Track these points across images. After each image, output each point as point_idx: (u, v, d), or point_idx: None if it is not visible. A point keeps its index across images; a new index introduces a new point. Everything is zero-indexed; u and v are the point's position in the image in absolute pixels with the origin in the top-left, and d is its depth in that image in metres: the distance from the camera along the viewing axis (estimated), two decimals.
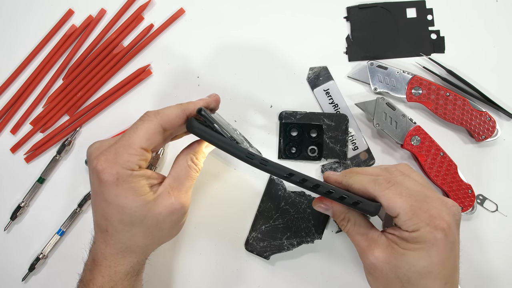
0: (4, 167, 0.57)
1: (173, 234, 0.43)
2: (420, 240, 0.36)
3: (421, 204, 0.36)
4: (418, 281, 0.36)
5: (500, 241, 0.54)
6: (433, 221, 0.36)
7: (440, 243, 0.36)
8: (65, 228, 0.54)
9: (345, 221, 0.41)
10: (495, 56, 0.56)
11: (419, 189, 0.38)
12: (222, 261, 0.54)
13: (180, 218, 0.41)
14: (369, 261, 0.38)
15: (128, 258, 0.40)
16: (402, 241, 0.37)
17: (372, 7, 0.57)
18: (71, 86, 0.56)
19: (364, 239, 0.39)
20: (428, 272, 0.36)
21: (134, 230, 0.39)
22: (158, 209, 0.39)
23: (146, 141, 0.38)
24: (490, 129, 0.53)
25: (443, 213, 0.36)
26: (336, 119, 0.54)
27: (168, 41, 0.57)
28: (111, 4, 0.57)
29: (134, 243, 0.40)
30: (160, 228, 0.40)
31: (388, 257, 0.37)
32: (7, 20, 0.58)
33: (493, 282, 0.54)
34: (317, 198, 0.44)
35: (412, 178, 0.39)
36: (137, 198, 0.38)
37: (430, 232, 0.35)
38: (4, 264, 0.55)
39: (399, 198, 0.37)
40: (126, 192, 0.38)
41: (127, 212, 0.38)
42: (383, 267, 0.37)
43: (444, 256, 0.36)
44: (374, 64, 0.55)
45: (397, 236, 0.37)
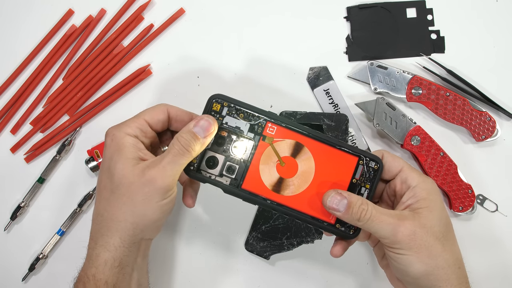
0: (4, 167, 0.57)
1: (148, 214, 0.39)
2: (428, 190, 0.39)
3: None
4: (448, 235, 0.39)
5: (500, 241, 0.54)
6: (426, 177, 0.41)
7: (439, 197, 0.40)
8: (65, 228, 0.54)
9: (365, 205, 0.38)
10: (495, 56, 0.56)
11: None
12: (222, 261, 0.54)
13: (153, 195, 0.38)
14: (406, 234, 0.37)
15: (105, 237, 0.39)
16: (421, 201, 0.39)
17: (372, 7, 0.57)
18: (71, 86, 0.56)
19: (391, 216, 0.38)
20: (449, 224, 0.40)
21: (111, 198, 0.39)
22: (132, 177, 0.39)
23: (150, 116, 0.42)
24: (490, 129, 0.53)
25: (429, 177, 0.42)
26: (336, 119, 0.54)
27: (168, 41, 0.57)
28: (111, 4, 0.57)
29: (110, 216, 0.39)
30: (131, 198, 0.38)
31: (420, 221, 0.38)
32: (7, 20, 0.58)
33: (493, 282, 0.54)
34: (328, 190, 0.40)
35: None
36: (120, 159, 0.39)
37: (432, 183, 0.40)
38: (4, 264, 0.55)
39: (399, 158, 0.42)
40: (113, 154, 0.40)
41: (110, 176, 0.39)
42: (422, 233, 0.37)
43: (446, 210, 0.41)
44: (374, 64, 0.55)
45: (415, 202, 0.39)
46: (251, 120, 0.41)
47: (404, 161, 0.42)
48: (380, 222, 0.38)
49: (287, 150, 0.41)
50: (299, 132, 0.41)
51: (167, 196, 0.40)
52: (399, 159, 0.42)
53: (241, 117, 0.41)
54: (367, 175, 0.41)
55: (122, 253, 0.39)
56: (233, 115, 0.41)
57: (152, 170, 0.38)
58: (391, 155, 0.42)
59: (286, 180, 0.40)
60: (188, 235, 0.55)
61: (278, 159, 0.41)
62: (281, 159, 0.41)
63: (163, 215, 0.40)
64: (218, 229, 0.55)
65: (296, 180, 0.40)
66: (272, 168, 0.40)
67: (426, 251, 0.37)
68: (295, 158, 0.41)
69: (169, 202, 0.40)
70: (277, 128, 0.41)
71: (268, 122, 0.41)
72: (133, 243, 0.40)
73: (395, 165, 0.41)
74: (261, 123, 0.41)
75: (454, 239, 0.40)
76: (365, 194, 0.41)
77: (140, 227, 0.39)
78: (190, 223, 0.55)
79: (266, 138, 0.41)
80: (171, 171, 0.39)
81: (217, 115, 0.41)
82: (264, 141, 0.41)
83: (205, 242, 0.54)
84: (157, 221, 0.40)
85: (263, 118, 0.41)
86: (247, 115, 0.41)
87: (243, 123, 0.41)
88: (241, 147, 0.41)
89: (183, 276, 0.54)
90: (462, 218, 0.54)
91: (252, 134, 0.41)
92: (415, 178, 0.40)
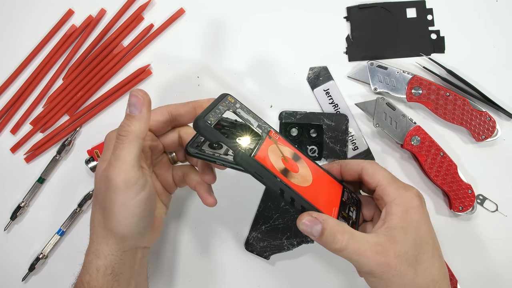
0: (4, 167, 0.57)
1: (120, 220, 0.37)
2: (405, 207, 0.37)
3: (396, 178, 0.40)
4: (423, 256, 0.37)
5: (500, 241, 0.54)
6: (409, 188, 0.39)
7: (420, 210, 0.38)
8: (65, 228, 0.54)
9: (342, 234, 0.36)
10: (495, 56, 0.56)
11: None
12: (222, 261, 0.54)
13: (115, 197, 0.36)
14: (380, 267, 0.36)
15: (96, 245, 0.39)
16: (396, 221, 0.37)
17: (372, 7, 0.57)
18: (71, 86, 0.56)
19: (368, 245, 0.36)
20: (426, 244, 0.37)
21: (95, 200, 0.39)
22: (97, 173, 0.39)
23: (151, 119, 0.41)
24: (490, 129, 0.53)
25: (412, 188, 0.40)
26: (336, 119, 0.54)
27: (168, 41, 0.57)
28: (111, 4, 0.57)
29: (98, 222, 0.39)
30: (102, 198, 0.37)
31: (394, 249, 0.36)
32: (7, 20, 0.58)
33: (493, 282, 0.54)
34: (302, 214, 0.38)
35: None
36: (102, 158, 0.39)
37: (411, 197, 0.38)
38: (4, 264, 0.55)
39: (382, 170, 0.40)
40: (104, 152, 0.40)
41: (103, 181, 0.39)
42: (395, 264, 0.36)
43: (428, 224, 0.38)
44: (374, 64, 0.55)
45: (389, 221, 0.37)
46: (259, 122, 0.41)
47: (383, 173, 0.40)
48: (356, 251, 0.36)
49: (289, 154, 0.41)
50: (297, 148, 0.42)
51: (132, 195, 0.36)
52: (378, 171, 0.40)
53: (251, 116, 0.41)
54: (352, 200, 0.42)
55: (112, 260, 0.38)
56: (245, 111, 0.41)
57: (107, 171, 0.37)
58: (371, 167, 0.40)
59: (291, 172, 0.40)
60: (188, 235, 0.55)
61: (282, 156, 0.41)
62: (285, 157, 0.41)
63: (137, 220, 0.37)
64: (218, 229, 0.55)
65: (299, 176, 0.40)
66: (278, 159, 0.40)
67: (397, 279, 0.36)
68: (296, 162, 0.41)
69: (138, 204, 0.37)
70: (279, 137, 0.42)
71: (271, 130, 0.42)
72: (123, 251, 0.38)
73: (372, 181, 0.40)
74: (267, 128, 0.42)
75: (433, 256, 0.37)
76: (354, 214, 0.41)
77: (120, 235, 0.38)
78: (190, 223, 0.55)
79: (272, 138, 0.41)
80: (121, 165, 0.36)
81: (232, 104, 0.41)
82: (270, 140, 0.41)
83: (205, 242, 0.54)
84: (133, 226, 0.37)
85: (268, 125, 0.42)
86: (256, 117, 0.42)
87: (253, 120, 0.41)
88: (247, 138, 0.41)
89: (183, 276, 0.54)
90: (462, 218, 0.54)
91: (260, 130, 0.41)
92: (390, 194, 0.38)
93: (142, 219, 0.38)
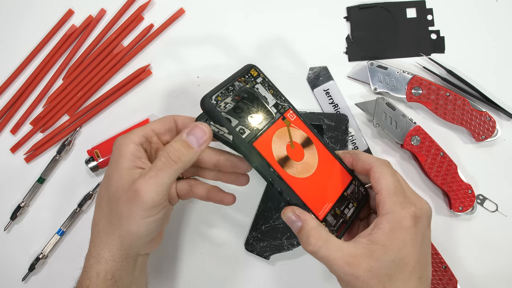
0: (4, 167, 0.57)
1: (133, 230, 0.37)
2: (394, 226, 0.36)
3: (403, 190, 0.38)
4: (398, 276, 0.35)
5: (500, 241, 0.54)
6: (408, 206, 0.36)
7: (411, 231, 0.36)
8: (65, 228, 0.54)
9: (315, 237, 0.36)
10: (495, 56, 0.56)
11: (404, 181, 0.40)
12: (222, 261, 0.54)
13: (136, 210, 0.36)
14: (349, 275, 0.35)
15: (97, 248, 0.38)
16: (380, 236, 0.36)
17: (372, 7, 0.57)
18: (71, 86, 0.56)
19: (341, 254, 0.36)
20: (405, 265, 0.36)
21: (104, 206, 0.39)
22: (122, 189, 0.37)
23: (156, 125, 0.41)
24: (490, 129, 0.53)
25: (416, 204, 0.38)
26: (336, 119, 0.54)
27: (168, 41, 0.57)
28: (111, 4, 0.57)
29: (103, 226, 0.38)
30: (119, 212, 0.37)
31: (368, 263, 0.35)
32: (7, 20, 0.58)
33: (493, 282, 0.54)
34: (287, 207, 0.39)
35: None
36: (117, 168, 0.38)
37: (404, 217, 0.36)
38: (4, 264, 0.55)
39: (390, 176, 0.38)
40: (112, 162, 0.39)
41: (107, 185, 0.39)
42: (364, 277, 0.35)
43: (416, 246, 0.36)
44: (374, 64, 0.55)
45: (373, 234, 0.36)
46: (278, 99, 0.41)
47: (388, 181, 0.38)
48: (328, 256, 0.36)
49: (299, 139, 0.41)
50: (313, 132, 0.41)
51: (153, 213, 0.37)
52: (384, 178, 0.38)
53: (270, 93, 0.41)
54: (356, 195, 0.41)
55: (113, 266, 0.38)
56: (265, 87, 0.41)
57: (137, 182, 0.36)
58: (378, 171, 0.38)
59: (291, 161, 0.40)
60: (188, 235, 0.55)
61: (290, 141, 0.40)
62: (293, 142, 0.41)
63: (149, 233, 0.38)
64: (218, 229, 0.55)
65: (299, 165, 0.40)
66: (282, 145, 0.40)
67: None
68: (304, 148, 0.41)
69: (155, 221, 0.38)
70: (296, 118, 0.41)
71: (290, 109, 0.41)
72: (125, 258, 0.38)
73: (375, 186, 0.38)
74: (285, 106, 0.41)
75: (409, 278, 0.36)
76: (351, 211, 0.41)
77: (128, 243, 0.38)
78: (190, 224, 0.55)
79: (286, 119, 0.41)
80: (155, 185, 0.36)
81: (252, 79, 0.41)
82: (283, 121, 0.41)
83: (205, 242, 0.54)
84: (144, 237, 0.38)
85: (288, 103, 0.41)
86: (276, 94, 0.41)
87: (271, 97, 0.41)
88: (259, 117, 0.40)
89: (183, 276, 0.54)
90: (462, 218, 0.54)
91: (275, 110, 0.41)
92: (384, 207, 0.37)
93: (153, 233, 0.39)
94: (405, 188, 0.38)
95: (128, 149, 0.39)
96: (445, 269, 0.51)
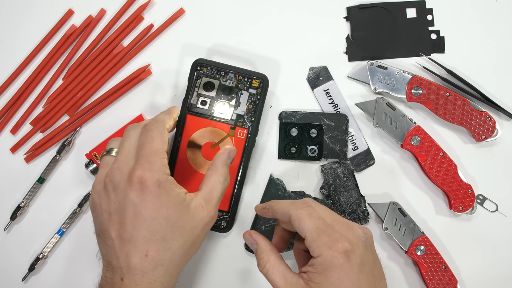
0: (4, 167, 0.57)
1: (198, 248, 0.43)
2: (326, 266, 0.36)
3: (326, 227, 0.38)
4: None
5: (500, 241, 0.54)
6: (334, 244, 0.37)
7: (344, 266, 0.36)
8: (65, 228, 0.54)
9: (264, 260, 0.40)
10: (495, 56, 0.56)
11: (327, 213, 0.40)
12: (221, 261, 0.54)
13: (207, 231, 0.42)
14: None
15: (166, 283, 0.38)
16: (315, 275, 0.37)
17: (372, 7, 0.57)
18: (71, 86, 0.56)
19: (284, 283, 0.38)
20: None
21: (174, 246, 0.38)
22: (194, 222, 0.39)
23: (166, 144, 0.41)
24: (490, 129, 0.53)
25: (346, 236, 0.38)
26: (336, 119, 0.54)
27: (168, 41, 0.57)
28: (111, 4, 0.57)
29: (174, 263, 0.38)
30: (195, 241, 0.40)
31: None
32: (7, 20, 0.58)
33: (493, 282, 0.54)
34: (246, 231, 0.44)
35: (322, 206, 0.41)
36: (177, 206, 0.39)
37: (333, 256, 0.36)
38: (4, 264, 0.55)
39: (308, 219, 0.38)
40: (168, 201, 0.38)
41: (170, 224, 0.38)
42: None
43: (354, 278, 0.36)
44: (374, 64, 0.55)
45: (310, 272, 0.38)
46: (248, 116, 0.46)
47: (308, 225, 0.38)
48: (273, 281, 0.39)
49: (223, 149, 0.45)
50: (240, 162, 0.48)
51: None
52: (303, 222, 0.38)
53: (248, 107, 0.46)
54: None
55: None
56: (251, 100, 0.47)
57: (212, 210, 0.41)
58: (296, 216, 0.39)
59: (199, 152, 0.47)
60: None
61: (215, 143, 0.47)
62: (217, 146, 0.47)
63: None
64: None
65: (200, 160, 0.47)
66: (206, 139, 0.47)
67: None
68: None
69: None
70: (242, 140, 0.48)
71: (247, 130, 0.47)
72: None
73: (300, 231, 0.39)
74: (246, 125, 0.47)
75: None
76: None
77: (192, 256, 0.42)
78: None
79: (232, 131, 0.47)
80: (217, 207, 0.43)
81: (247, 85, 0.46)
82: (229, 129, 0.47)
83: (204, 242, 0.54)
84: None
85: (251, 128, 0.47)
86: (251, 112, 0.46)
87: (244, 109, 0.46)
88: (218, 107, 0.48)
89: (182, 276, 0.54)
90: (462, 218, 0.54)
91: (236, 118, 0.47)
92: (314, 251, 0.37)
93: None
94: (330, 223, 0.38)
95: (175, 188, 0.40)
96: (445, 269, 0.51)
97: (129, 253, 0.37)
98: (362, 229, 0.39)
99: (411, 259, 0.52)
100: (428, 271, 0.51)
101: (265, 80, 0.44)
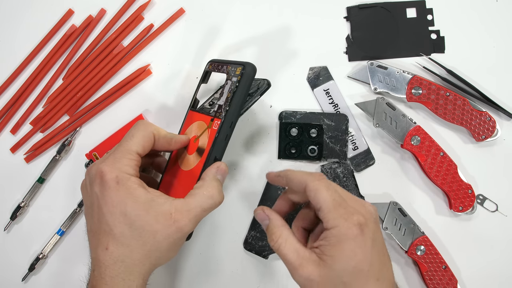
0: (4, 167, 0.57)
1: (170, 256, 0.41)
2: (340, 238, 0.37)
3: (342, 200, 0.38)
4: (353, 282, 0.36)
5: (500, 241, 0.54)
6: (350, 217, 0.37)
7: (358, 239, 0.37)
8: (65, 228, 0.54)
9: (277, 235, 0.40)
10: (495, 56, 0.56)
11: (341, 189, 0.40)
12: (221, 261, 0.54)
13: (177, 241, 0.39)
14: (303, 278, 0.37)
15: (128, 281, 0.38)
16: (328, 247, 0.37)
17: (372, 7, 0.57)
18: (71, 86, 0.56)
19: (296, 256, 0.38)
20: (360, 271, 0.36)
21: (133, 244, 0.38)
22: (156, 226, 0.38)
23: (141, 147, 0.41)
24: (490, 129, 0.53)
25: (360, 210, 0.38)
26: (336, 119, 0.54)
27: (168, 41, 0.57)
28: (111, 4, 0.57)
29: (133, 262, 0.38)
30: (156, 247, 0.39)
31: (321, 270, 0.37)
32: (7, 20, 0.58)
33: (493, 282, 0.54)
34: (258, 206, 0.44)
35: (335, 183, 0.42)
36: (139, 205, 0.38)
37: (348, 228, 0.37)
38: (4, 264, 0.55)
39: (325, 190, 0.38)
40: (127, 199, 0.38)
41: (129, 223, 0.38)
42: (319, 281, 0.37)
43: (367, 252, 0.37)
44: (374, 64, 0.55)
45: (323, 246, 0.38)
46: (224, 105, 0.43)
47: (325, 196, 0.38)
48: (285, 256, 0.39)
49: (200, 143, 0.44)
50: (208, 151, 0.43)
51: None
52: (320, 193, 0.38)
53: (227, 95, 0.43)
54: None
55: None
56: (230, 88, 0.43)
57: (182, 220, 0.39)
58: (313, 187, 0.39)
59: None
60: None
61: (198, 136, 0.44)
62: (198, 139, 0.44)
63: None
64: (217, 229, 0.55)
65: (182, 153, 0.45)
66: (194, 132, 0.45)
67: None
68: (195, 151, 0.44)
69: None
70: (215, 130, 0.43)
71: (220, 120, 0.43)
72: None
73: (314, 203, 0.39)
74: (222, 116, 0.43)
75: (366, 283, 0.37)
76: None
77: (158, 264, 0.41)
78: None
79: (211, 123, 0.43)
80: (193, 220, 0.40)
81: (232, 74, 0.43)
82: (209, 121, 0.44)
83: (204, 241, 0.54)
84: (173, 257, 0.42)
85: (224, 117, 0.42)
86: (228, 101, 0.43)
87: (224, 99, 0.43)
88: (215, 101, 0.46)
89: (182, 276, 0.54)
90: (462, 218, 0.54)
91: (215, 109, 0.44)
92: (328, 222, 0.37)
93: None
94: (344, 197, 0.39)
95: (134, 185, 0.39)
96: (445, 269, 0.51)
97: (95, 245, 0.39)
98: (372, 206, 0.40)
99: (411, 259, 0.52)
100: (428, 271, 0.51)
101: (247, 67, 0.41)
